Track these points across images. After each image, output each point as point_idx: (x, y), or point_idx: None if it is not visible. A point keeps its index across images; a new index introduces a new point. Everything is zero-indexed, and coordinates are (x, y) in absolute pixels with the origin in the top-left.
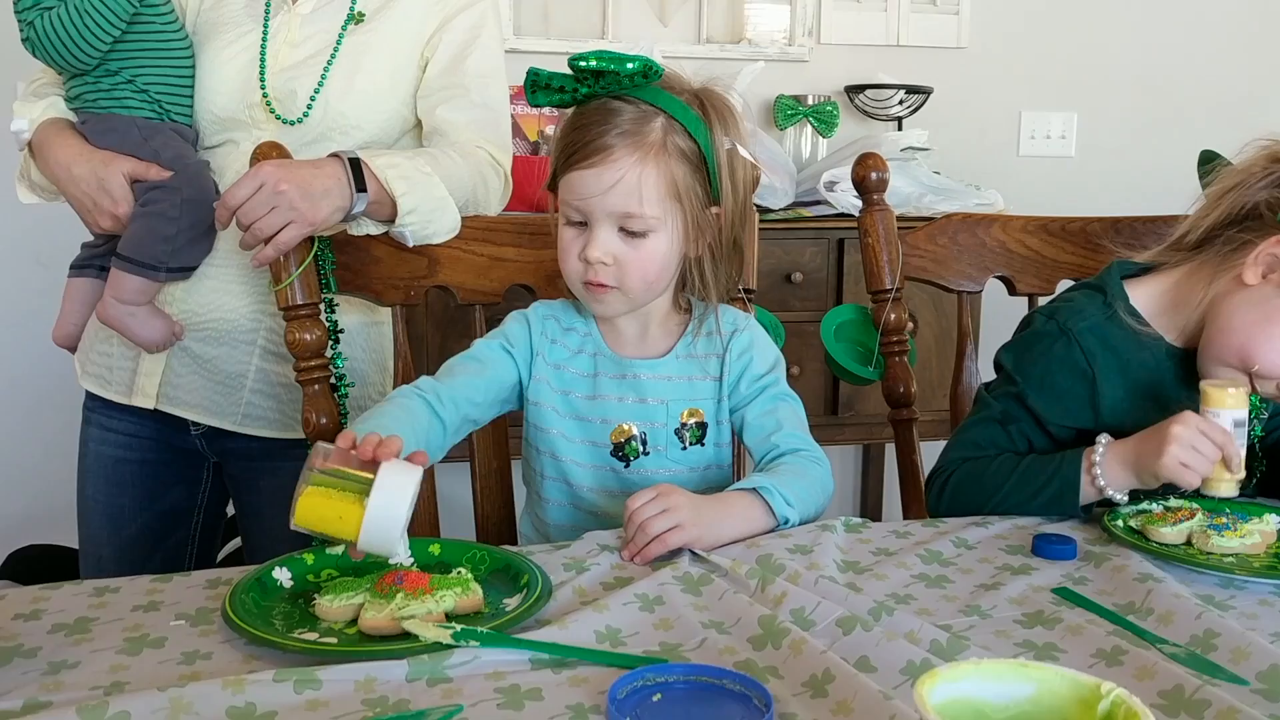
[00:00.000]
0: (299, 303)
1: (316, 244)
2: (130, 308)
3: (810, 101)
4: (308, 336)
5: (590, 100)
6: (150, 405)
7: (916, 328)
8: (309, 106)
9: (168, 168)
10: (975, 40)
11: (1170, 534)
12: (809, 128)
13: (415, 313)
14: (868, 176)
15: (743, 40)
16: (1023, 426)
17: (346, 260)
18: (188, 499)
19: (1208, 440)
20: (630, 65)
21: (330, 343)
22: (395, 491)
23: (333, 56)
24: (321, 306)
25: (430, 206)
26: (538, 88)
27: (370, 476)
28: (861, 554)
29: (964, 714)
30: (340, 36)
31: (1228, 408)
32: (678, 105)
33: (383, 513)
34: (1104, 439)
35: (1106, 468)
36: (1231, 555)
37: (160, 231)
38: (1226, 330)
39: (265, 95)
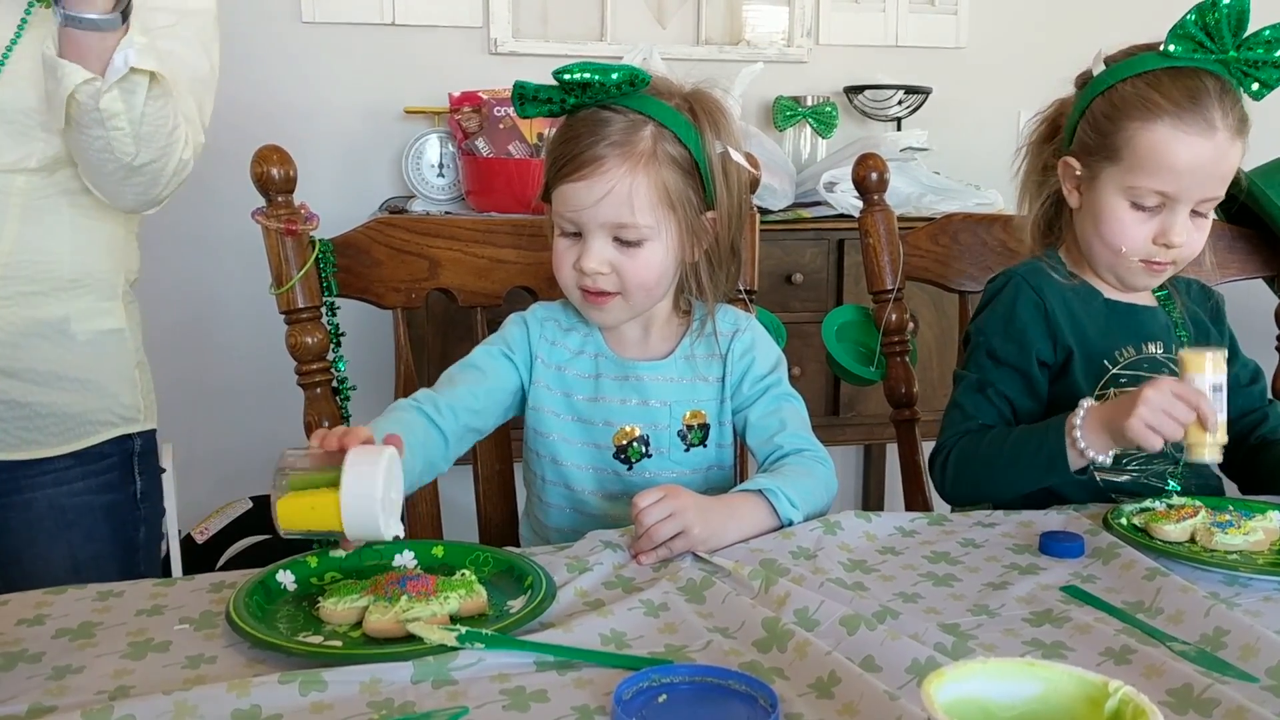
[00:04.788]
0: (300, 306)
1: (318, 246)
2: None
3: (809, 102)
4: (309, 340)
5: (579, 110)
6: None
7: (917, 327)
8: None
9: None
10: (974, 40)
11: (1174, 531)
12: (808, 128)
13: (415, 315)
14: (867, 177)
15: (741, 41)
16: (999, 386)
17: (347, 263)
18: None
19: (1181, 403)
20: (615, 75)
21: (331, 345)
22: (364, 471)
23: (15, 39)
24: (323, 310)
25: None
26: (525, 100)
27: (339, 468)
28: (868, 553)
29: (971, 713)
30: (24, 21)
31: (1205, 372)
32: (667, 112)
33: (357, 495)
34: (1085, 403)
35: (1086, 431)
36: (1235, 552)
37: None
38: (1087, 247)
39: None
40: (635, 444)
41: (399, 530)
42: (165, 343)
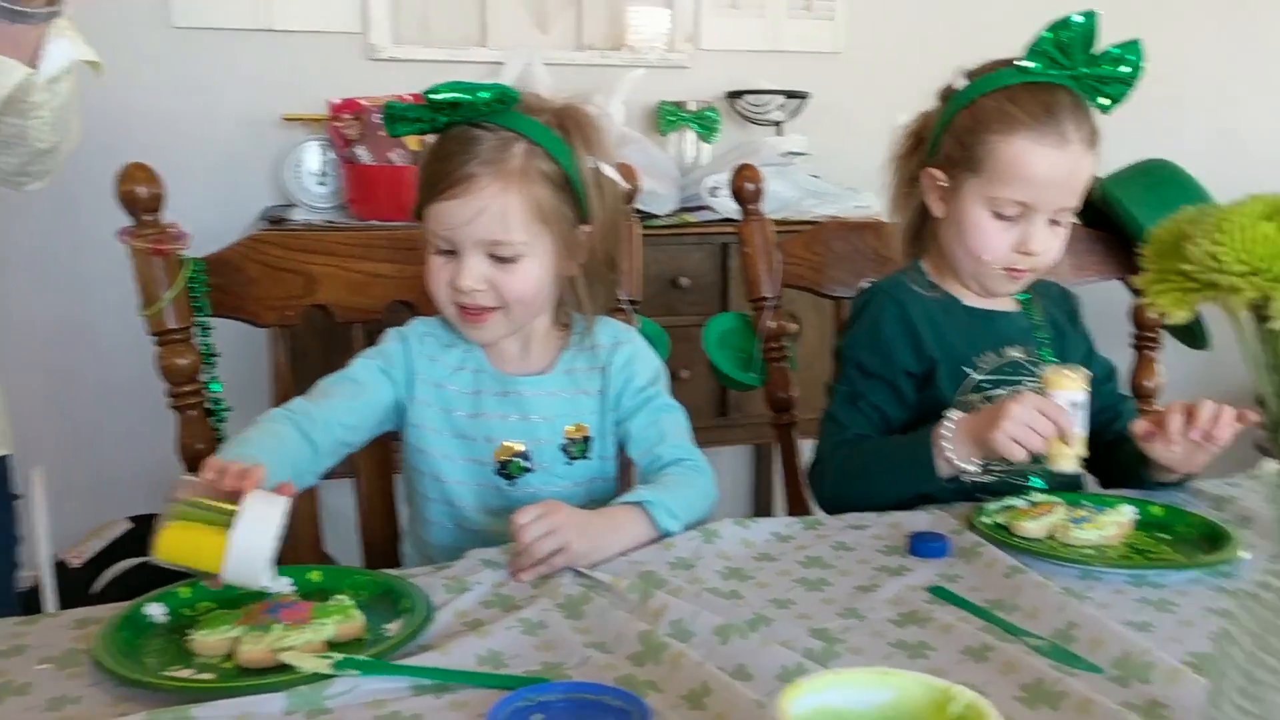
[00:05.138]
0: (171, 327)
1: (189, 265)
2: None
3: (692, 107)
4: (181, 361)
5: (450, 128)
6: None
7: (801, 330)
8: None
9: None
10: (850, 45)
11: (1033, 528)
12: (692, 133)
13: (297, 332)
14: (744, 187)
15: (623, 46)
16: (870, 397)
17: (220, 282)
18: None
19: (1044, 418)
20: (484, 94)
21: (204, 367)
22: (259, 524)
23: None
24: (195, 330)
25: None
26: (395, 119)
27: (233, 508)
28: (745, 561)
29: None
30: None
31: (1065, 389)
32: (538, 128)
33: (246, 545)
34: (952, 415)
35: (954, 442)
36: (1091, 547)
37: None
38: (951, 255)
39: None
40: (517, 459)
41: (274, 584)
42: (36, 364)
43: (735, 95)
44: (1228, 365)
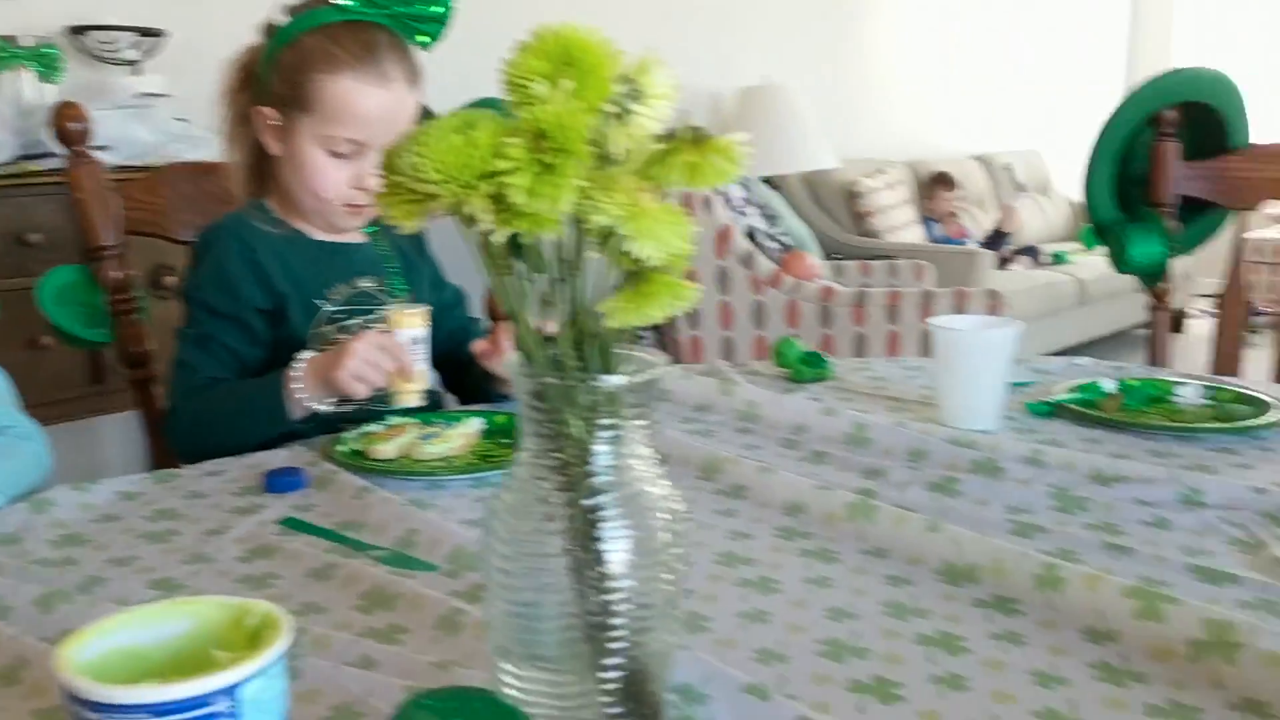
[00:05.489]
0: None
1: None
2: None
3: (27, 43)
4: None
5: None
6: None
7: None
8: None
9: None
10: None
11: (387, 449)
12: (30, 73)
13: None
14: (67, 128)
15: None
16: (221, 339)
17: None
18: None
19: (385, 354)
20: None
21: None
22: None
23: None
24: None
25: None
26: None
27: None
28: (83, 525)
29: (122, 664)
30: None
31: (404, 327)
32: None
33: None
34: (302, 356)
35: (304, 383)
36: (439, 460)
37: None
38: (292, 194)
39: None
40: None
41: None
42: None
43: (79, 31)
44: None
